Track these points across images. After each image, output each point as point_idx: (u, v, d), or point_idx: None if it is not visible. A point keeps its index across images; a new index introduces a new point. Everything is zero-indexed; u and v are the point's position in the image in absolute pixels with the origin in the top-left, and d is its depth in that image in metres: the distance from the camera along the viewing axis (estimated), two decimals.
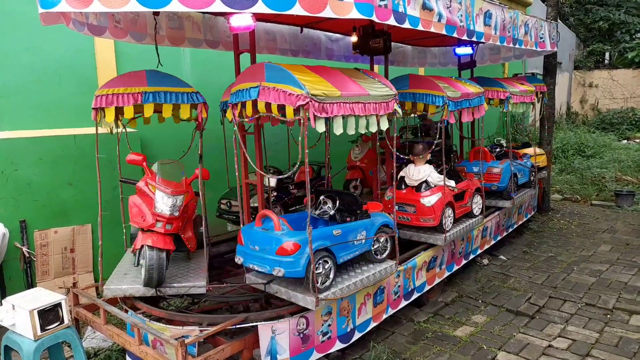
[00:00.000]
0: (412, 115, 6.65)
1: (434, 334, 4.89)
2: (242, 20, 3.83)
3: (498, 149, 7.71)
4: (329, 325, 4.06)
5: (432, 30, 4.36)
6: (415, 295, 5.19)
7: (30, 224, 5.28)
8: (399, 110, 4.28)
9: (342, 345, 4.23)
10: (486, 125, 7.59)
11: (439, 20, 4.41)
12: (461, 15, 4.78)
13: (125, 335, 3.92)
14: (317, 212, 4.45)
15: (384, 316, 4.72)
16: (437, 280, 5.57)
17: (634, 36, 21.77)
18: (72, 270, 5.56)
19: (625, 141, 16.66)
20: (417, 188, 5.39)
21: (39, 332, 3.45)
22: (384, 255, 4.52)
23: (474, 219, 6.00)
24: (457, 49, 7.42)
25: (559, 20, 8.88)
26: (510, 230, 7.65)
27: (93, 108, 3.85)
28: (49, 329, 3.51)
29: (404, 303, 5.01)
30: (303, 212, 4.60)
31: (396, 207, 4.97)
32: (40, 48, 5.41)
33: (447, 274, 5.78)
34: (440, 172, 5.46)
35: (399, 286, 4.86)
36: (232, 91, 3.97)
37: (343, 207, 4.45)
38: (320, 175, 6.85)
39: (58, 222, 5.46)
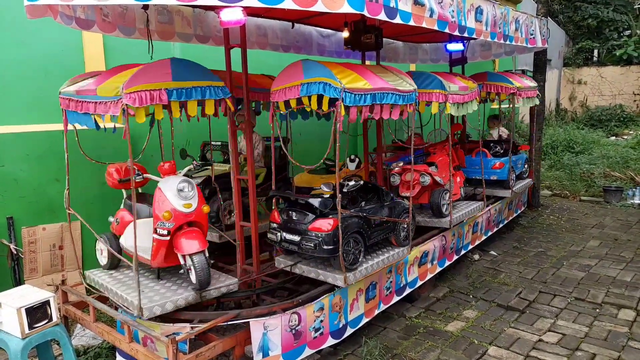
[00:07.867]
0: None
1: (426, 329, 4.90)
2: (232, 14, 3.77)
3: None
4: (321, 321, 4.05)
5: (424, 25, 4.35)
6: (407, 291, 5.20)
7: (18, 220, 5.20)
8: (539, 94, 8.21)
9: (334, 341, 4.23)
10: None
11: (431, 16, 4.40)
12: (452, 11, 4.77)
13: (115, 332, 3.88)
14: (491, 152, 7.66)
15: (376, 312, 4.73)
16: (429, 276, 5.59)
17: (622, 34, 21.99)
18: (61, 267, 5.49)
19: (614, 137, 16.84)
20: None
21: (26, 330, 3.40)
22: (526, 175, 8.57)
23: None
24: (449, 45, 7.42)
25: (548, 18, 8.93)
26: (501, 225, 7.71)
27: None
28: (37, 327, 3.47)
29: (396, 299, 5.02)
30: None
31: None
32: (26, 42, 5.31)
33: (438, 269, 5.80)
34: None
35: (390, 282, 4.87)
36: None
37: (508, 149, 7.46)
38: None
39: (46, 219, 5.39)
